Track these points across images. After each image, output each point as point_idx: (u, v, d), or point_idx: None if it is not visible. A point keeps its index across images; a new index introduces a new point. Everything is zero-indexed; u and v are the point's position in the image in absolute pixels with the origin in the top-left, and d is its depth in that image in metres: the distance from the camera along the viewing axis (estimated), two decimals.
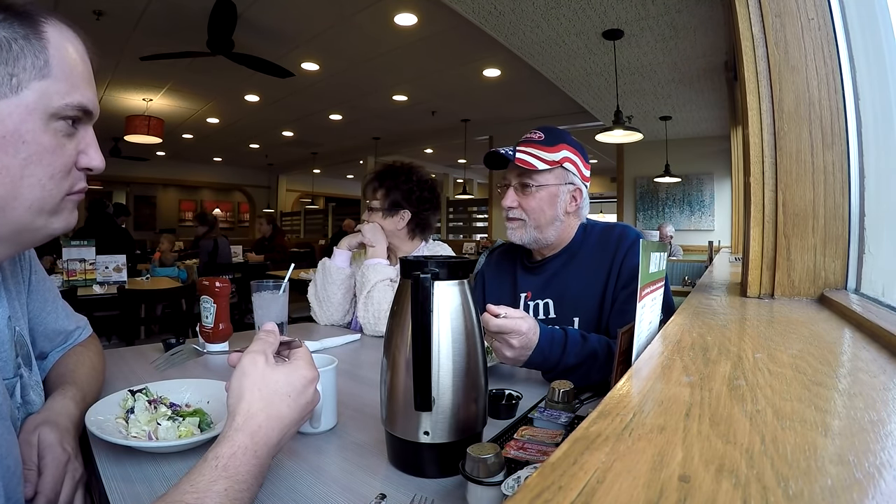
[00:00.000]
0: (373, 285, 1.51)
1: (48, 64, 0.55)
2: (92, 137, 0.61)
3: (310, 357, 0.62)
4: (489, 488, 0.54)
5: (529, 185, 1.19)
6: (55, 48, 0.56)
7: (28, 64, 0.54)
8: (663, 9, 3.23)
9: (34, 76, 0.54)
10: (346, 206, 12.70)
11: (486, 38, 3.79)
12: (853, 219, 0.90)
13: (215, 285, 1.27)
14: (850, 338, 0.64)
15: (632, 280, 1.14)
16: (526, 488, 0.27)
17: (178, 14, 4.15)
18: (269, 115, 7.65)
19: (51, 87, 0.55)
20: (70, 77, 0.57)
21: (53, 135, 0.56)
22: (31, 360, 0.73)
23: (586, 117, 6.36)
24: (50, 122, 0.56)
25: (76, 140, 0.59)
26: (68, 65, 0.57)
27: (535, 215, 1.20)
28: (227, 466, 0.48)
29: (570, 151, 1.21)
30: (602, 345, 1.01)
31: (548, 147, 1.19)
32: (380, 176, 1.63)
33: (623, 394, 0.43)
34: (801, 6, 0.91)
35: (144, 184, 12.14)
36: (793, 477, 0.27)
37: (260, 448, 0.52)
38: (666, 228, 6.16)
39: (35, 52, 0.54)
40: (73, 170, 0.60)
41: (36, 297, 0.81)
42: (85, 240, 3.45)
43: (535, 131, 1.23)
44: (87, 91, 0.59)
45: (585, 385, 1.00)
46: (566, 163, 1.20)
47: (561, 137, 1.22)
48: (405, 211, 1.61)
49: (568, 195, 1.22)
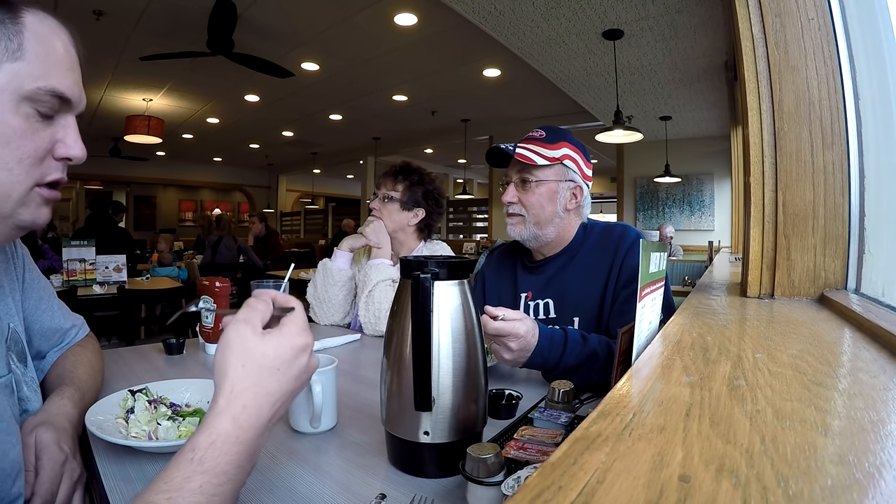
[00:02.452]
0: (374, 285, 1.51)
1: (21, 47, 0.54)
2: (73, 127, 0.60)
3: (303, 321, 0.55)
4: (489, 488, 0.54)
5: (529, 181, 1.21)
6: (32, 33, 0.56)
7: (0, 46, 0.53)
8: (663, 9, 3.23)
9: (5, 58, 0.53)
10: (346, 206, 12.70)
11: (486, 38, 3.79)
12: (853, 219, 0.90)
13: (215, 285, 1.27)
14: (850, 338, 0.63)
15: (632, 280, 1.14)
16: (526, 488, 0.27)
17: (178, 14, 4.15)
18: (269, 115, 7.65)
19: (23, 69, 0.54)
20: (46, 62, 0.56)
21: (25, 118, 0.55)
22: (25, 356, 0.72)
23: (586, 117, 6.36)
24: (21, 105, 0.55)
25: (53, 128, 0.58)
26: (45, 50, 0.56)
27: (535, 210, 1.21)
28: (203, 459, 0.44)
29: (571, 149, 1.22)
30: (602, 345, 1.01)
31: (548, 144, 1.21)
32: (403, 170, 1.64)
33: (623, 394, 0.43)
34: (801, 6, 0.91)
35: (144, 184, 12.14)
36: (793, 477, 0.27)
37: (245, 432, 0.47)
38: (666, 229, 6.16)
39: (9, 35, 0.54)
40: (49, 158, 0.58)
41: (30, 295, 0.81)
42: (85, 240, 3.45)
43: (537, 130, 1.24)
44: (65, 78, 0.58)
45: (586, 385, 1.00)
46: (566, 160, 1.21)
47: (562, 136, 1.23)
48: (421, 209, 1.63)
49: (568, 192, 1.22)
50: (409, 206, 1.62)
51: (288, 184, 14.01)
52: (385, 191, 1.62)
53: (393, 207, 1.61)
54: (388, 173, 1.65)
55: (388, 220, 1.61)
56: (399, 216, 1.61)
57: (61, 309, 0.91)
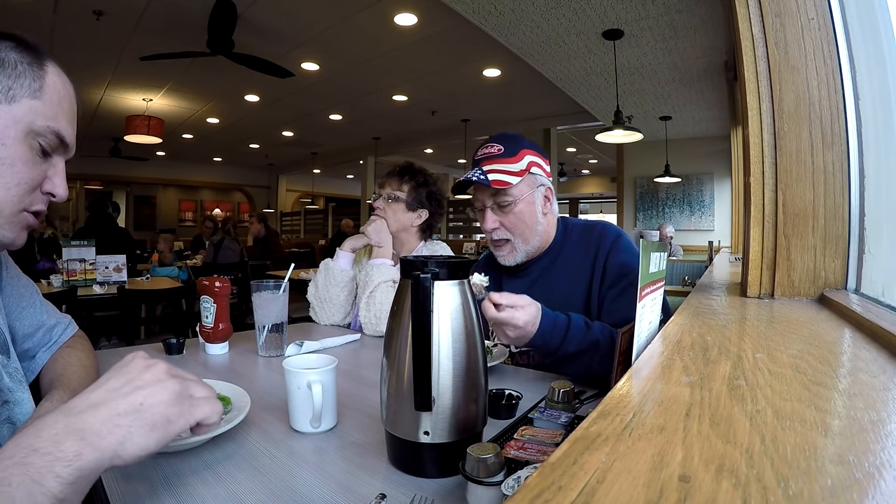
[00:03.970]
0: (376, 285, 1.50)
1: (42, 89, 0.64)
2: (62, 168, 0.68)
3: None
4: (489, 488, 0.54)
5: (506, 203, 1.18)
6: (51, 80, 0.65)
7: (26, 83, 0.62)
8: (663, 9, 3.23)
9: (28, 94, 0.62)
10: (346, 206, 12.70)
11: (486, 38, 3.79)
12: (853, 219, 0.90)
13: (215, 285, 1.27)
14: (850, 338, 0.63)
15: (619, 279, 1.14)
16: (526, 488, 0.27)
17: (178, 14, 4.15)
18: (269, 115, 7.65)
19: (39, 108, 0.63)
20: (56, 108, 0.65)
21: (29, 149, 0.63)
22: (7, 347, 0.74)
23: (586, 117, 6.36)
24: (29, 138, 0.63)
25: (46, 165, 0.66)
26: (58, 97, 0.66)
27: (520, 229, 1.20)
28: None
29: (532, 154, 1.20)
30: (605, 335, 1.01)
31: (511, 158, 1.17)
32: (409, 171, 1.64)
33: (623, 394, 0.43)
34: (801, 6, 0.91)
35: (144, 184, 12.14)
36: (793, 477, 0.27)
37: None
38: (666, 229, 6.16)
39: (34, 76, 0.63)
40: (38, 191, 0.66)
41: (10, 293, 0.83)
42: (85, 240, 3.45)
43: (490, 144, 1.19)
44: (68, 126, 0.67)
45: (587, 376, 1.00)
46: (532, 167, 1.19)
47: (519, 143, 1.20)
48: (424, 210, 1.63)
49: (541, 198, 1.22)
50: (414, 207, 1.61)
51: (288, 184, 14.01)
52: (390, 190, 1.61)
53: (398, 207, 1.60)
54: (393, 173, 1.65)
55: (393, 220, 1.61)
56: (403, 216, 1.61)
57: (44, 306, 0.92)
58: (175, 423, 0.50)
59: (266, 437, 0.77)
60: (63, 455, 0.42)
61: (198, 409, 0.52)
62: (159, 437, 0.48)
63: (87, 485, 0.44)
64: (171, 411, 0.50)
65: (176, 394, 0.51)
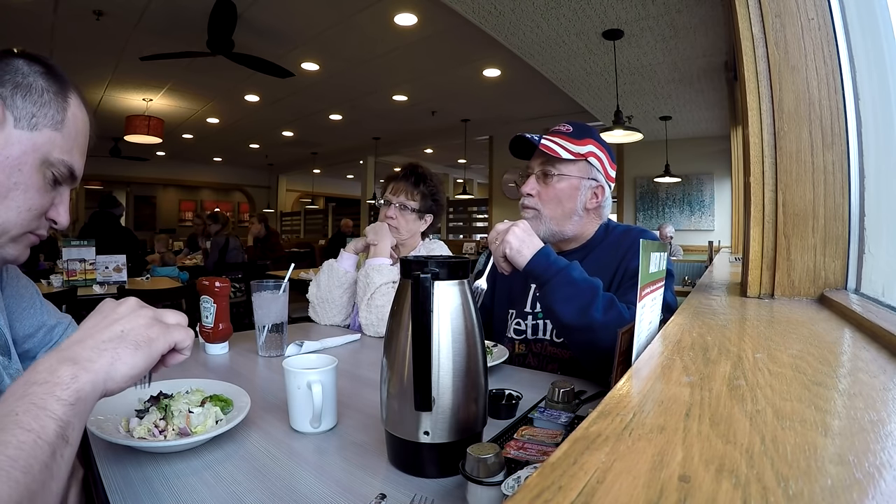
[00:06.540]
0: (377, 287, 1.50)
1: (63, 122, 0.66)
2: (66, 198, 0.71)
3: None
4: (489, 488, 0.54)
5: (551, 174, 1.19)
6: (72, 113, 0.67)
7: (50, 113, 0.64)
8: (663, 9, 3.23)
9: (50, 125, 0.64)
10: (346, 206, 12.70)
11: (486, 38, 3.79)
12: (853, 219, 0.90)
13: (215, 285, 1.27)
14: (850, 338, 0.63)
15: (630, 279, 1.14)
16: (526, 488, 0.27)
17: (178, 14, 4.15)
18: (269, 115, 7.65)
19: (58, 140, 0.65)
20: (73, 141, 0.68)
21: (42, 178, 0.65)
22: (9, 349, 0.74)
23: (586, 117, 6.35)
24: (43, 167, 0.65)
25: (54, 194, 0.69)
26: (76, 131, 0.68)
27: (552, 206, 1.20)
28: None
29: (597, 147, 1.21)
30: (607, 296, 1.01)
31: (575, 140, 1.19)
32: (421, 178, 1.64)
33: (623, 394, 0.43)
34: (801, 6, 0.90)
35: (144, 184, 12.14)
36: (793, 477, 0.27)
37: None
38: (666, 229, 6.15)
39: (58, 108, 0.65)
40: (43, 217, 0.69)
41: (10, 293, 0.83)
42: (85, 240, 3.45)
43: (564, 124, 1.23)
44: (80, 161, 0.70)
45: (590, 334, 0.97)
46: (591, 157, 1.19)
47: (589, 133, 1.22)
48: (431, 215, 1.66)
49: (589, 191, 1.21)
50: (423, 214, 1.64)
51: (288, 184, 14.01)
52: (404, 199, 1.62)
53: (411, 217, 1.63)
54: (405, 179, 1.64)
55: (405, 230, 1.63)
56: (415, 224, 1.64)
57: (45, 307, 0.92)
58: (157, 341, 0.53)
59: (266, 437, 0.77)
60: (60, 380, 0.45)
61: (174, 332, 0.56)
62: (145, 356, 0.52)
63: (86, 409, 0.47)
64: (150, 332, 0.53)
65: (151, 318, 0.55)
